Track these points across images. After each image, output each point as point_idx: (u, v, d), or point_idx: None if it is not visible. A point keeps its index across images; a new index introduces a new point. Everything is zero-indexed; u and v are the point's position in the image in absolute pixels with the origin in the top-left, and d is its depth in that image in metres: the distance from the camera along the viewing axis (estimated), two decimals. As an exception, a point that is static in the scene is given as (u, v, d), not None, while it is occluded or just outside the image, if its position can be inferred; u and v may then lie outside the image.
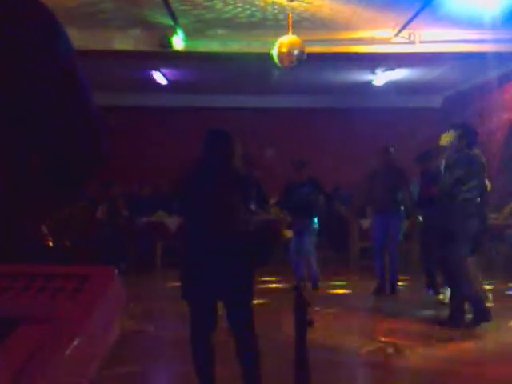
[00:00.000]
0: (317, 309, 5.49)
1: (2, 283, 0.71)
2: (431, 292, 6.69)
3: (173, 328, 5.54)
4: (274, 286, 7.65)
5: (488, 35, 7.35)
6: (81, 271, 0.73)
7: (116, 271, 0.72)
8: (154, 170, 11.29)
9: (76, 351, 0.63)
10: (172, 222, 9.72)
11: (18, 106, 1.17)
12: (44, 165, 1.27)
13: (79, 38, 7.20)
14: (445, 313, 5.62)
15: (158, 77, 10.44)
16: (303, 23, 7.46)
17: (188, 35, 7.78)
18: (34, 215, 1.25)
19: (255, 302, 3.29)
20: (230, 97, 11.87)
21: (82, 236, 8.01)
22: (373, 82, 10.73)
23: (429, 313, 6.13)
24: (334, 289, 7.67)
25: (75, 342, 0.63)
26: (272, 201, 9.14)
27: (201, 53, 8.23)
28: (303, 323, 2.95)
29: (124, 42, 7.95)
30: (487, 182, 5.58)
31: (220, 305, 3.23)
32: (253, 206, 3.40)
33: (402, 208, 7.16)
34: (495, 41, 7.50)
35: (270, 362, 3.51)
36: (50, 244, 1.27)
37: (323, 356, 4.23)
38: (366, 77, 10.58)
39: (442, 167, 5.35)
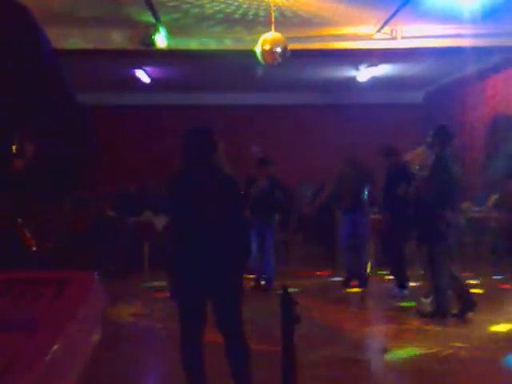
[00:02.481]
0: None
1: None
2: (399, 290, 6.70)
3: (162, 327, 5.54)
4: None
5: (468, 30, 7.42)
6: (61, 276, 0.73)
7: (96, 276, 0.73)
8: (138, 169, 11.26)
9: (57, 356, 0.64)
10: (159, 221, 9.69)
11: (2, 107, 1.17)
12: (32, 164, 1.27)
13: (61, 38, 7.16)
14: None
15: (142, 75, 10.40)
16: (286, 20, 7.48)
17: (171, 33, 7.76)
18: (19, 214, 1.25)
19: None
20: (213, 95, 11.86)
21: (67, 238, 7.96)
22: (357, 78, 10.78)
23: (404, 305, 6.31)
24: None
25: (56, 347, 0.64)
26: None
27: (184, 51, 8.21)
28: (290, 320, 2.96)
29: (107, 40, 7.91)
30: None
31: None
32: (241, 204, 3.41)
33: (370, 206, 7.25)
34: (475, 35, 7.57)
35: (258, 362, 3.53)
36: (33, 248, 1.27)
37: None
38: (350, 73, 10.63)
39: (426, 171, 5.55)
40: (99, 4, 7.03)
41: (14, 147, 1.25)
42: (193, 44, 8.14)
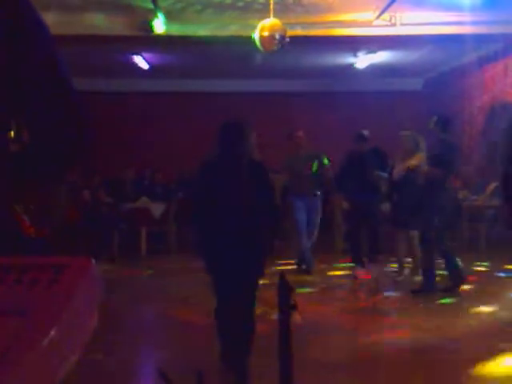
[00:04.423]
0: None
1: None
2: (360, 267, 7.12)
3: (161, 313, 5.56)
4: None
5: (468, 17, 7.37)
6: (57, 262, 0.73)
7: (93, 261, 0.73)
8: (136, 155, 11.23)
9: (53, 342, 0.64)
10: (156, 207, 9.69)
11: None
12: (29, 148, 1.27)
13: (58, 24, 7.10)
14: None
15: (140, 61, 10.34)
16: (285, 6, 7.42)
17: (169, 19, 7.70)
18: (17, 200, 1.25)
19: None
20: (211, 81, 11.80)
21: (63, 224, 7.96)
22: (355, 65, 10.72)
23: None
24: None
25: (52, 334, 0.64)
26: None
27: (182, 37, 8.15)
28: (287, 307, 2.98)
29: (104, 26, 7.84)
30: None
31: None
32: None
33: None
34: (475, 23, 7.52)
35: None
36: (32, 235, 1.27)
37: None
38: (348, 60, 10.57)
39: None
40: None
41: (11, 133, 1.25)
42: (191, 30, 8.08)
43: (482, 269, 7.56)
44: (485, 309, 5.45)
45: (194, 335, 4.63)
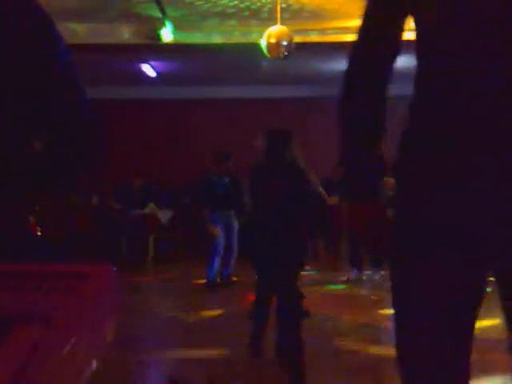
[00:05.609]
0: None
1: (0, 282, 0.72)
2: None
3: (172, 314, 5.56)
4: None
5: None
6: (79, 270, 0.74)
7: (114, 268, 0.74)
8: (144, 163, 11.26)
9: (74, 349, 0.65)
10: (163, 214, 9.72)
11: (18, 103, 1.18)
12: (42, 156, 1.28)
13: (67, 33, 7.15)
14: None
15: (147, 69, 10.39)
16: (292, 13, 7.45)
17: (177, 27, 7.75)
18: (24, 206, 1.25)
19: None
20: (219, 88, 11.84)
21: (74, 230, 8.00)
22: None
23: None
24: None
25: (73, 341, 0.65)
26: None
27: (190, 45, 8.19)
28: (299, 314, 3.00)
29: (112, 35, 7.90)
30: None
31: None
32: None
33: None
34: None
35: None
36: (38, 233, 1.28)
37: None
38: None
39: None
40: (105, -3, 7.02)
41: (26, 142, 1.26)
42: (198, 38, 8.12)
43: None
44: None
45: (203, 339, 4.63)
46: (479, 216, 1.03)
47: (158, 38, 7.62)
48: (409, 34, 1.37)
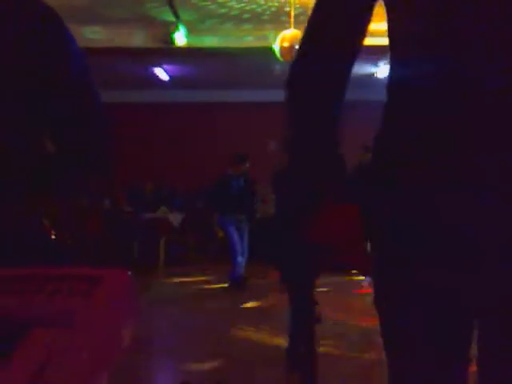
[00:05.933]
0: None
1: (15, 286, 0.72)
2: None
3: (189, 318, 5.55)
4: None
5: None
6: (94, 273, 0.73)
7: (129, 273, 0.73)
8: (156, 166, 11.29)
9: (90, 354, 0.63)
10: (174, 217, 9.74)
11: (35, 108, 1.17)
12: (54, 158, 1.28)
13: (80, 36, 7.19)
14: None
15: (160, 73, 10.42)
16: (305, 17, 7.43)
17: (190, 31, 7.76)
18: (35, 206, 1.25)
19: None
20: (232, 92, 11.85)
21: (85, 233, 8.02)
22: (376, 75, 10.70)
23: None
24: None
25: (89, 345, 0.64)
26: None
27: (203, 48, 8.21)
28: (312, 321, 2.98)
29: (125, 38, 7.93)
30: None
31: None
32: None
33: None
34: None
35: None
36: (53, 237, 1.27)
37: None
38: (369, 69, 10.55)
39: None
40: (119, 2, 7.05)
41: (38, 142, 1.26)
42: (211, 41, 8.13)
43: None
44: None
45: (214, 343, 4.61)
46: (480, 217, 1.00)
47: (172, 41, 7.64)
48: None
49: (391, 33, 1.15)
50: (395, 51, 1.14)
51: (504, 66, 0.98)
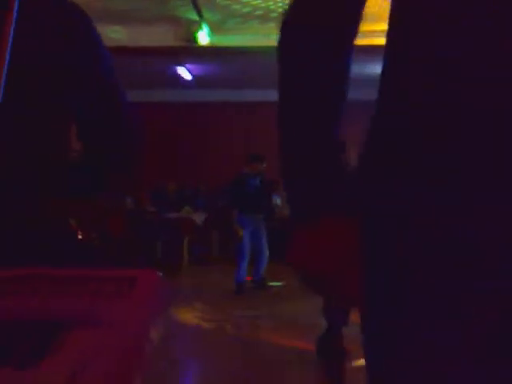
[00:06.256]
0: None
1: (51, 287, 0.71)
2: None
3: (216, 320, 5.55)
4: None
5: None
6: (125, 274, 0.72)
7: (160, 274, 0.72)
8: (179, 166, 11.34)
9: (125, 354, 0.62)
10: (198, 216, 9.78)
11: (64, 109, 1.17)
12: (82, 158, 1.28)
13: (104, 35, 7.23)
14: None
15: (183, 72, 10.46)
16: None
17: (213, 30, 7.77)
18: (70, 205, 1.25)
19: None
20: (254, 91, 11.84)
21: (109, 232, 8.10)
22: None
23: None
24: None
25: (124, 345, 0.63)
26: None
27: (226, 47, 8.21)
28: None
29: (149, 37, 7.97)
30: None
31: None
32: None
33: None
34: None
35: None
36: (80, 237, 1.27)
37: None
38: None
39: None
40: (142, 1, 7.09)
41: (67, 143, 1.26)
42: (234, 41, 8.13)
43: None
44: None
45: (231, 345, 4.61)
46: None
47: (195, 40, 7.66)
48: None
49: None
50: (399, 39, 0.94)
51: None
